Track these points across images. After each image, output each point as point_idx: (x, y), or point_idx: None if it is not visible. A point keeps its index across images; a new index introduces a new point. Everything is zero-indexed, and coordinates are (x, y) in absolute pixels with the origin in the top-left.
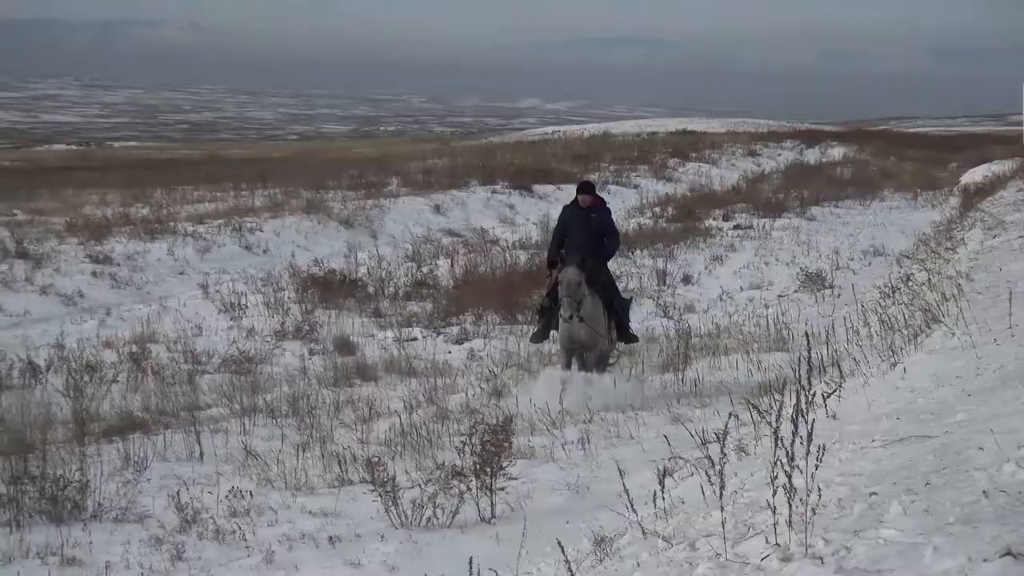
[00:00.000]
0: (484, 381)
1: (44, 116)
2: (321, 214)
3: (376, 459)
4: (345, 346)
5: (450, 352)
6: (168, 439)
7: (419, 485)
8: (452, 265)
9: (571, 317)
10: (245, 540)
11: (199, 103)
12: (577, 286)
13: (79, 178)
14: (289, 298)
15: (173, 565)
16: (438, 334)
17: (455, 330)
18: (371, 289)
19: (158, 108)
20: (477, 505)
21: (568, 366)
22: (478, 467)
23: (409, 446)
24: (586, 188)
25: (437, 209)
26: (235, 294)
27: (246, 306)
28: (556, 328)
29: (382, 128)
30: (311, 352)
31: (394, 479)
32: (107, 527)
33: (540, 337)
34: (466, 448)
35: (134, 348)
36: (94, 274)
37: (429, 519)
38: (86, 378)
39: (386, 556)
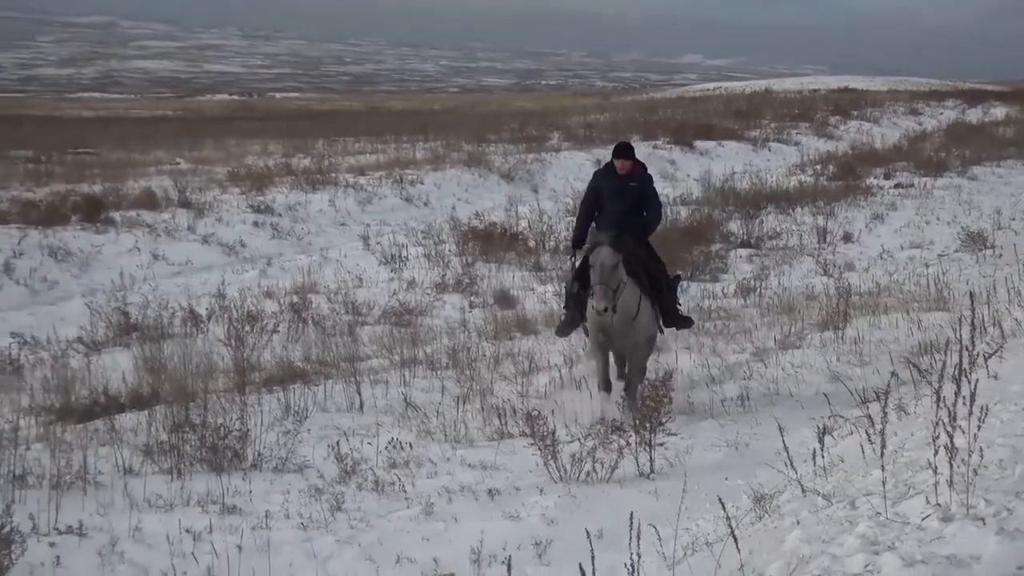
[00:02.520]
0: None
1: (207, 66)
2: (482, 167)
3: (536, 413)
4: (505, 299)
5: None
6: (328, 389)
7: (578, 439)
8: None
9: (605, 310)
10: (404, 492)
11: (361, 55)
12: (612, 270)
13: (241, 128)
14: (450, 251)
15: (332, 515)
16: None
17: None
18: (531, 243)
19: (320, 59)
20: (636, 460)
21: (604, 368)
22: (637, 422)
23: (569, 400)
24: (624, 151)
25: (598, 163)
26: (396, 246)
27: (407, 258)
28: (586, 319)
29: (543, 82)
30: (471, 305)
31: (554, 433)
32: (267, 476)
33: (566, 329)
34: (625, 403)
35: (295, 298)
36: (255, 224)
37: (588, 473)
38: (247, 328)
39: (545, 509)
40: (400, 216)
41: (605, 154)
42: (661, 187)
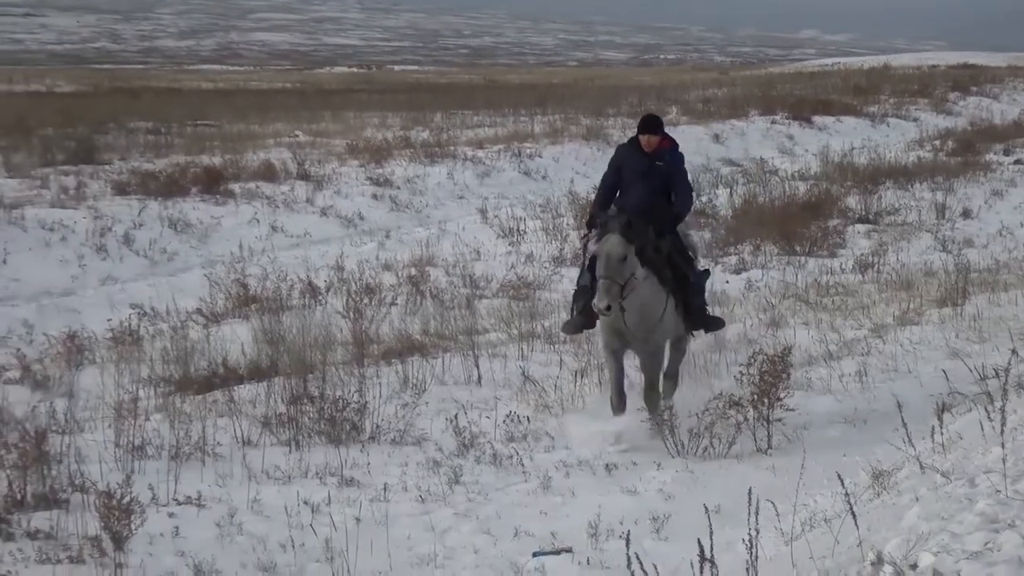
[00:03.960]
0: (762, 311)
1: (326, 39)
2: (600, 141)
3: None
4: None
5: (727, 282)
6: (446, 363)
7: (696, 414)
8: (731, 194)
9: (608, 308)
10: (522, 465)
11: (479, 28)
12: (620, 262)
13: (360, 101)
14: (567, 224)
15: (450, 488)
16: (716, 263)
17: (733, 260)
18: None
19: (438, 32)
20: (754, 436)
21: (620, 378)
22: (756, 397)
23: (686, 375)
24: (651, 124)
25: (716, 138)
26: (514, 219)
27: (524, 231)
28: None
29: (661, 56)
30: None
31: (671, 408)
32: (385, 449)
33: (575, 327)
34: (744, 378)
35: (413, 271)
36: (374, 196)
37: (705, 449)
38: (365, 300)
39: (662, 484)
40: (518, 190)
41: (723, 129)
42: (779, 162)
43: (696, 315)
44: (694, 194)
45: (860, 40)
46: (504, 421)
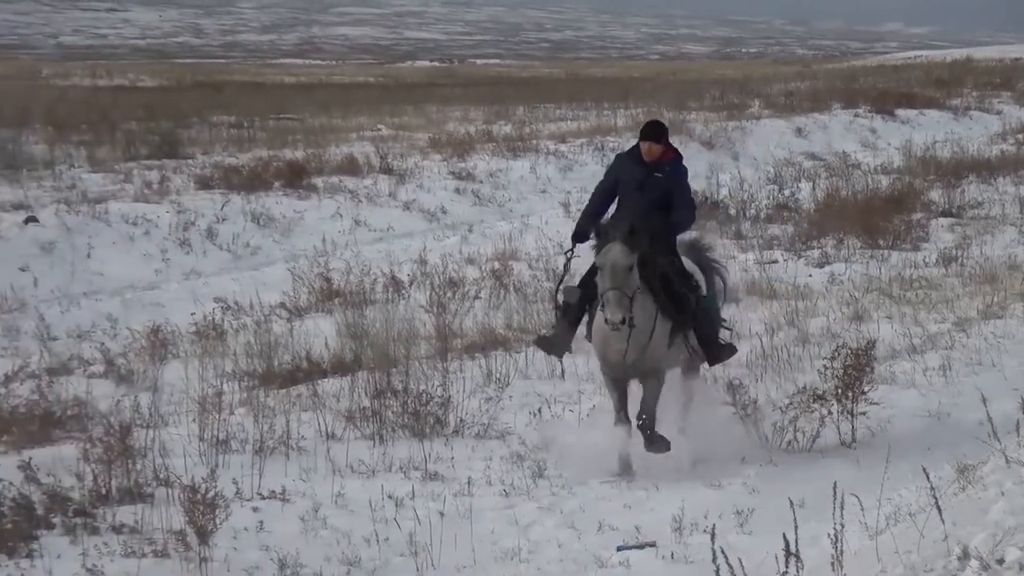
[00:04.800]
0: (845, 305)
1: (407, 33)
2: (683, 135)
3: (737, 381)
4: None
5: (811, 275)
6: (529, 357)
7: (780, 408)
8: (813, 188)
9: (623, 322)
10: (606, 459)
11: (561, 22)
12: (627, 272)
13: (442, 95)
14: None
15: (534, 482)
16: (799, 257)
17: (816, 253)
18: (732, 211)
19: (520, 26)
20: (838, 429)
21: (623, 402)
22: (839, 391)
23: (770, 369)
24: (653, 132)
25: (799, 132)
26: None
27: None
28: (589, 337)
29: (743, 49)
30: None
31: (755, 402)
32: (468, 443)
33: (555, 346)
34: (827, 372)
35: (496, 265)
36: (456, 191)
37: (790, 442)
38: (449, 294)
39: (746, 478)
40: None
41: (805, 122)
42: (862, 156)
43: (706, 345)
44: (695, 212)
45: (943, 33)
46: (588, 415)
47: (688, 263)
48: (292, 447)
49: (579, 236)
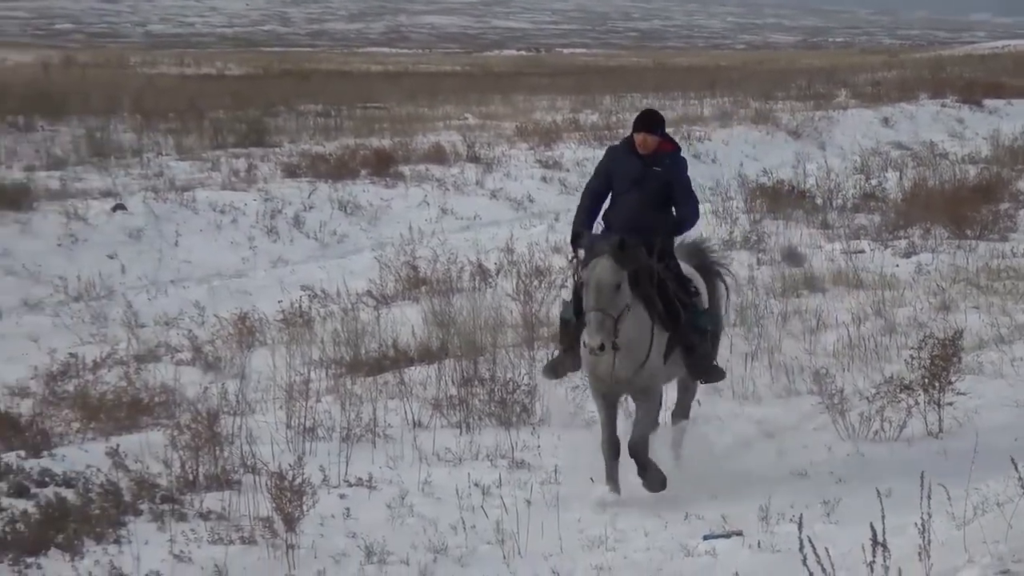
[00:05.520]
0: (932, 295)
1: (495, 21)
2: (769, 124)
3: (824, 371)
4: (793, 256)
5: (897, 265)
6: None
7: (867, 398)
8: (900, 178)
9: (601, 348)
10: (693, 448)
11: (648, 11)
12: (613, 291)
13: (529, 84)
14: (737, 207)
15: (622, 471)
16: (885, 247)
17: (902, 243)
18: (819, 200)
19: (607, 15)
20: (925, 419)
21: (611, 424)
22: (926, 381)
23: (857, 358)
24: (648, 121)
25: (885, 121)
26: None
27: None
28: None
29: (829, 39)
30: (759, 262)
31: (842, 391)
32: (555, 431)
33: (558, 369)
34: (914, 362)
35: (582, 254)
36: (543, 179)
37: (876, 432)
38: (535, 282)
39: (833, 467)
40: (689, 173)
41: (892, 112)
42: (949, 145)
43: (695, 361)
44: (700, 207)
45: None
46: (675, 404)
47: (687, 268)
48: (379, 435)
49: (577, 240)
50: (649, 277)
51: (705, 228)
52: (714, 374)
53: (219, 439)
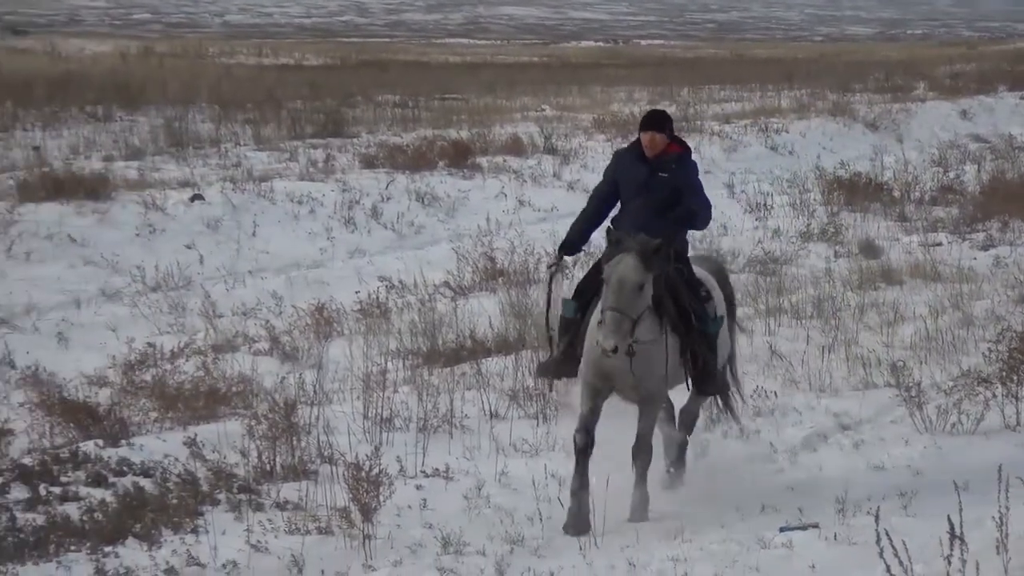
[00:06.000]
0: (1010, 288)
1: (572, 12)
2: (847, 117)
3: (901, 364)
4: (870, 249)
5: (975, 258)
6: None
7: (944, 391)
8: (978, 171)
9: (615, 350)
10: (770, 441)
11: (727, 2)
12: (636, 292)
13: (606, 75)
14: (814, 200)
15: (697, 463)
16: (963, 239)
17: (980, 236)
18: (896, 193)
19: (685, 7)
20: (1002, 412)
21: (591, 419)
22: (1004, 374)
23: (934, 351)
24: (655, 121)
25: (964, 114)
26: (760, 194)
27: (771, 207)
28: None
29: (907, 31)
30: (836, 254)
31: (919, 384)
32: (631, 423)
33: (556, 370)
34: (992, 355)
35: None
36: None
37: (953, 425)
38: None
39: (910, 460)
40: (765, 165)
41: (971, 104)
42: None
43: (700, 372)
44: (712, 211)
45: None
46: (752, 396)
47: (699, 271)
48: (456, 426)
49: (567, 247)
50: (665, 281)
51: (783, 220)
52: (720, 386)
53: (296, 429)
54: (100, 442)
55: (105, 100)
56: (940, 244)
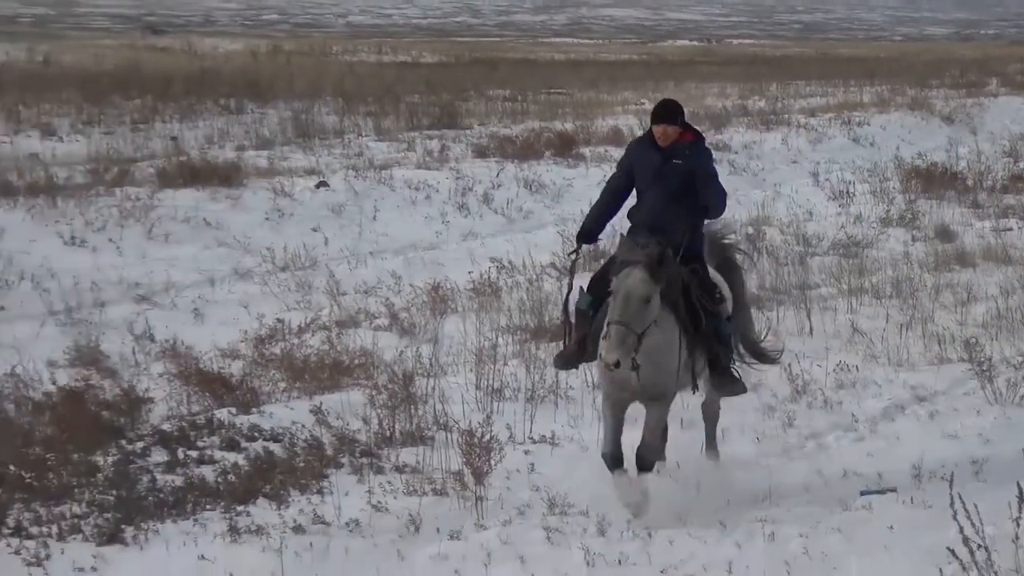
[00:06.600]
0: None
1: (669, 13)
2: (924, 110)
3: (974, 340)
4: (945, 234)
5: None
6: (780, 314)
7: (1013, 365)
8: None
9: (618, 365)
10: (851, 411)
11: (812, 4)
12: (642, 305)
13: (700, 72)
14: (894, 188)
15: (784, 431)
16: None
17: None
18: (970, 182)
19: (774, 8)
20: None
21: (616, 431)
22: None
23: (1004, 329)
24: (666, 111)
25: None
26: (843, 183)
27: (853, 194)
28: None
29: (981, 31)
30: (913, 238)
31: (990, 359)
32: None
33: (568, 360)
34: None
35: (750, 230)
36: (714, 161)
37: (1022, 397)
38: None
39: (981, 430)
40: (847, 155)
41: None
42: None
43: (719, 374)
44: (726, 199)
45: None
46: (834, 370)
47: (714, 273)
48: (561, 396)
49: (585, 235)
50: (677, 284)
51: (864, 206)
52: (737, 388)
53: (414, 399)
54: (233, 410)
55: (237, 94)
56: (1011, 229)
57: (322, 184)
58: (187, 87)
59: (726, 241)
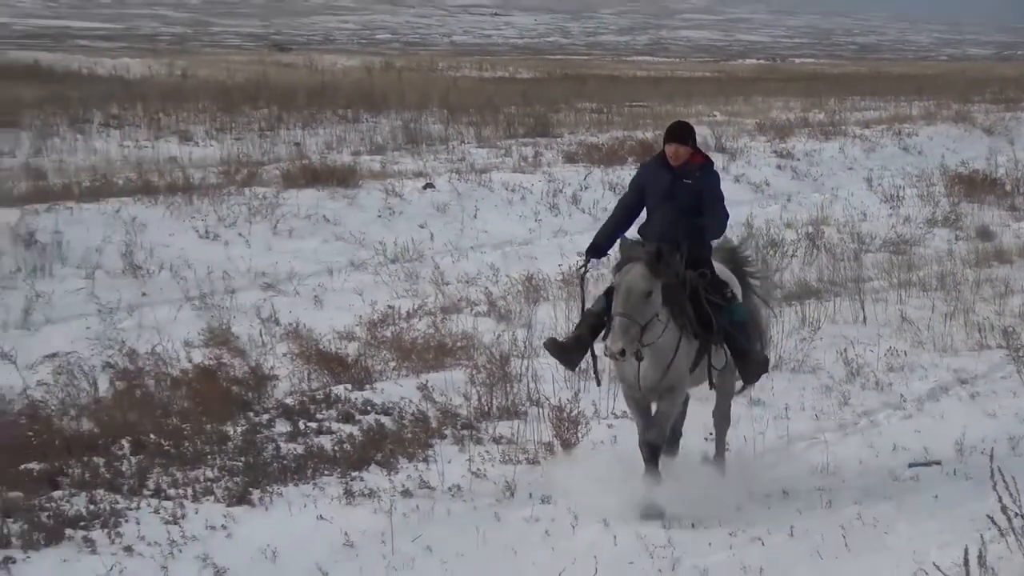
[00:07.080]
0: None
1: (739, 35)
2: (967, 123)
3: (1011, 329)
4: (985, 234)
5: None
6: (837, 305)
7: None
8: None
9: (622, 353)
10: (900, 392)
11: (866, 27)
12: (643, 298)
13: (766, 88)
14: (939, 192)
15: (840, 409)
16: None
17: None
18: (1008, 187)
19: (832, 31)
20: None
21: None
22: None
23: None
24: (679, 133)
25: None
26: (894, 187)
27: (903, 198)
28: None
29: (1020, 52)
30: (956, 238)
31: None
32: (786, 376)
33: (571, 355)
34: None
35: (810, 229)
36: (778, 167)
37: None
38: (770, 252)
39: (1018, 409)
40: (898, 163)
41: None
42: None
43: (746, 365)
44: (727, 221)
45: None
46: (885, 354)
47: (722, 269)
48: None
49: (594, 250)
50: (681, 286)
51: (912, 209)
52: (762, 368)
53: (509, 378)
54: (348, 386)
55: (353, 105)
56: None
57: (428, 186)
58: (309, 99)
59: (745, 263)
